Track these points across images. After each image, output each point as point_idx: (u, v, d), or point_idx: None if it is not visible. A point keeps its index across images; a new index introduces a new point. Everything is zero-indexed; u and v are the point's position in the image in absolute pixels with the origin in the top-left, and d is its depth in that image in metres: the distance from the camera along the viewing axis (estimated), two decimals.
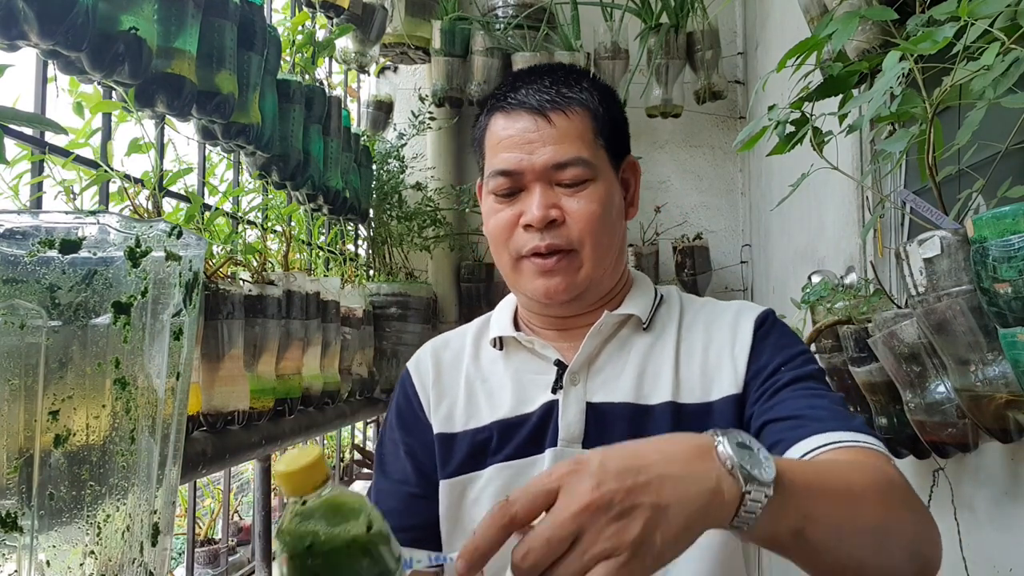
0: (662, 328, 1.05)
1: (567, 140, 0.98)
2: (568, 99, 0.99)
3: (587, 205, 0.98)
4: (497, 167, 0.99)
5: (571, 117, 0.99)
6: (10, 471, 0.61)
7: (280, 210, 2.07)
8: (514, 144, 0.98)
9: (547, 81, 1.01)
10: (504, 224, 1.00)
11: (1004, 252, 0.92)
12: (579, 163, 0.97)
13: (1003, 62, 0.98)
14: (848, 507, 0.70)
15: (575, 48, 3.35)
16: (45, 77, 1.43)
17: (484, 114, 1.05)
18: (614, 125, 1.03)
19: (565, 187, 0.98)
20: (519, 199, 0.99)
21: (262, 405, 1.76)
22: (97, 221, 0.64)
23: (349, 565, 0.53)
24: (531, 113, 0.99)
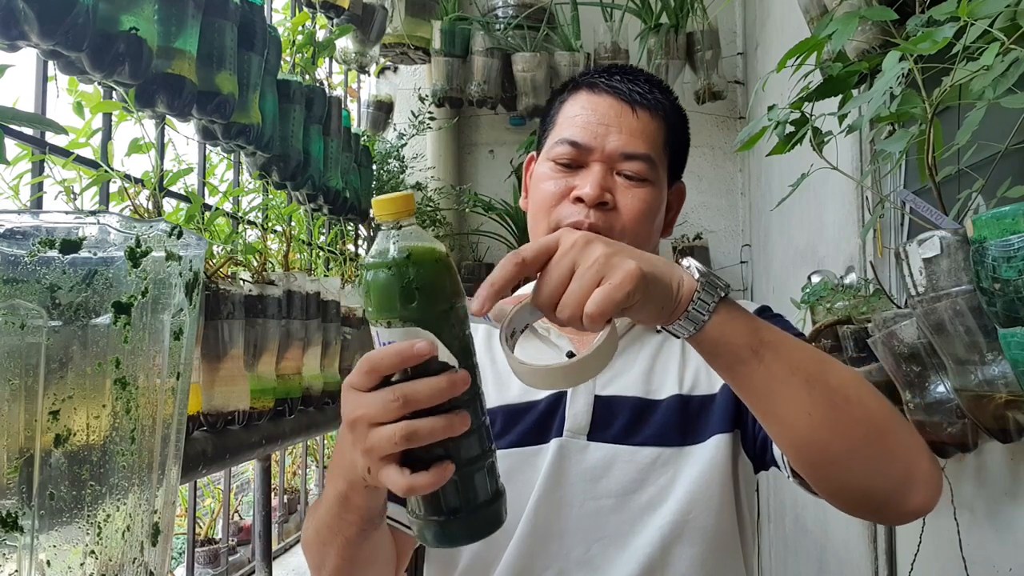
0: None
1: (643, 136, 1.00)
2: (657, 102, 1.03)
3: (640, 202, 1.00)
4: (567, 136, 1.01)
5: (653, 117, 1.02)
6: (10, 471, 0.61)
7: (280, 210, 2.07)
8: (591, 122, 1.00)
9: (642, 79, 1.05)
10: (553, 193, 1.01)
11: (1004, 252, 0.92)
12: (646, 160, 1.00)
13: (1003, 62, 0.98)
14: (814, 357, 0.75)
15: (575, 48, 3.35)
16: (45, 77, 1.43)
17: (568, 90, 1.07)
18: (681, 145, 1.08)
19: (624, 178, 1.00)
20: (576, 174, 1.00)
21: (262, 405, 1.76)
22: (97, 221, 0.64)
23: (437, 277, 0.64)
24: (618, 99, 1.01)
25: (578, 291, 0.66)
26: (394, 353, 0.63)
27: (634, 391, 1.01)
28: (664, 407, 1.00)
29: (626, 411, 1.00)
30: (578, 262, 0.67)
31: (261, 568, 2.19)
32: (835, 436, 0.73)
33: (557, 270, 0.67)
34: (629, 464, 0.98)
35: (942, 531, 1.52)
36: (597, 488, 0.98)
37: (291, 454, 3.86)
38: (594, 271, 0.66)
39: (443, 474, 0.64)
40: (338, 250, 2.81)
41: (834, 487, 0.77)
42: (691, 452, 0.98)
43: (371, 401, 0.64)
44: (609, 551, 0.95)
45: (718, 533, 0.96)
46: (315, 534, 0.85)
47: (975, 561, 1.41)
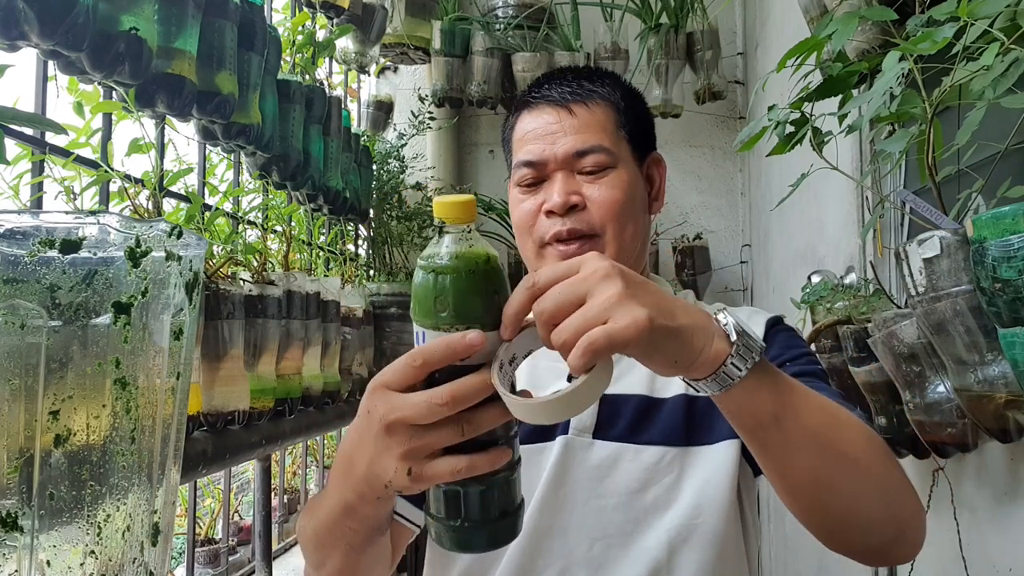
0: None
1: (588, 130, 1.01)
2: (589, 92, 1.03)
3: (608, 191, 1.00)
4: (521, 158, 1.03)
5: (592, 108, 1.02)
6: (10, 471, 0.61)
7: (280, 210, 2.07)
8: (537, 136, 1.02)
9: (569, 77, 1.05)
10: (527, 213, 1.03)
11: (1004, 252, 0.92)
12: (599, 150, 1.00)
13: (1003, 62, 0.98)
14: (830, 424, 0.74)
15: (575, 48, 3.35)
16: (45, 77, 1.43)
17: (512, 114, 1.09)
18: (638, 120, 1.06)
19: (587, 175, 1.01)
20: (542, 189, 1.02)
21: (262, 405, 1.76)
22: (97, 221, 0.64)
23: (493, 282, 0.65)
24: (553, 106, 1.02)
25: (580, 323, 0.62)
26: (445, 346, 0.63)
27: (639, 389, 1.01)
28: (670, 406, 1.00)
29: (631, 409, 1.00)
30: (591, 293, 0.63)
31: (261, 568, 2.19)
32: (838, 498, 0.74)
33: (567, 292, 0.64)
34: (634, 463, 0.98)
35: (942, 531, 1.52)
36: (602, 486, 0.98)
37: (291, 454, 3.86)
38: (602, 308, 0.62)
39: (502, 456, 0.65)
40: (338, 250, 2.81)
41: (826, 536, 0.78)
42: (698, 453, 0.98)
43: (415, 402, 0.63)
44: (612, 550, 0.95)
45: (725, 538, 0.96)
46: (314, 535, 0.84)
47: (975, 561, 1.41)
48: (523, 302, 0.65)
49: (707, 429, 0.99)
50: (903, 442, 1.48)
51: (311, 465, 3.94)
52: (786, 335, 1.05)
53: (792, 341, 1.04)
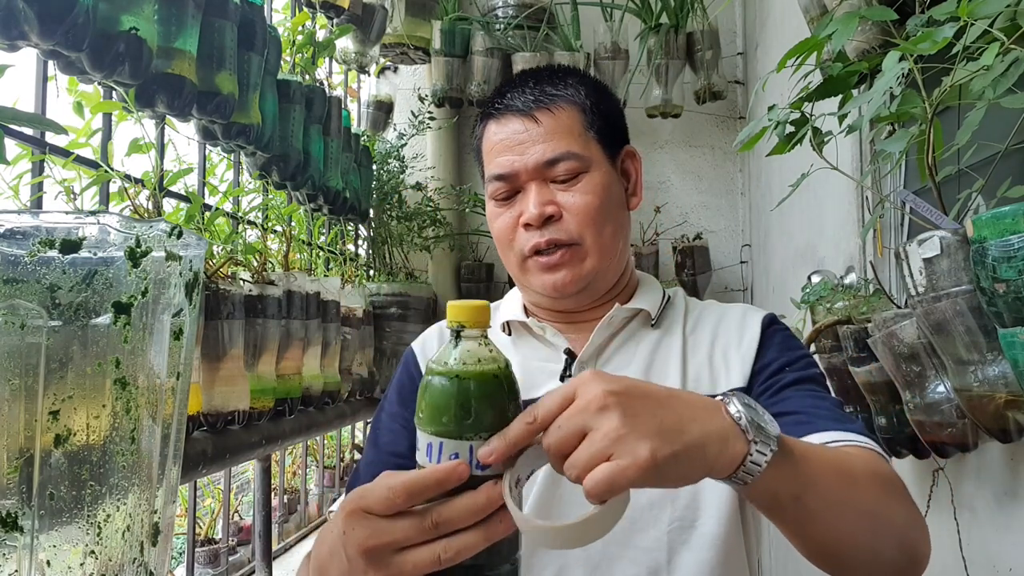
0: (670, 325, 1.07)
1: (556, 136, 0.99)
2: (552, 96, 1.01)
3: (583, 197, 0.99)
4: (493, 172, 1.02)
5: (557, 114, 1.00)
6: (10, 471, 0.61)
7: (280, 210, 2.07)
8: (505, 147, 1.00)
9: (531, 83, 1.03)
10: (506, 226, 1.02)
11: (1004, 252, 0.92)
12: (570, 157, 0.99)
13: (1003, 62, 0.98)
14: (846, 485, 0.73)
15: (575, 48, 3.35)
16: (45, 77, 1.43)
17: (478, 124, 1.08)
18: (606, 117, 1.04)
19: (560, 183, 1.00)
20: (517, 200, 1.01)
21: (262, 405, 1.76)
22: (97, 221, 0.64)
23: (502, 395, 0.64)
24: (518, 115, 1.01)
25: (586, 459, 0.60)
26: (435, 482, 0.61)
27: None
28: None
29: None
30: (590, 426, 0.61)
31: (261, 568, 2.19)
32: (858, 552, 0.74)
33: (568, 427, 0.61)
34: None
35: (942, 531, 1.52)
36: None
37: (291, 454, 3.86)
38: (603, 445, 0.60)
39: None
40: (338, 250, 2.81)
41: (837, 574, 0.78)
42: None
43: (400, 527, 0.61)
44: (610, 548, 0.95)
45: (726, 540, 0.95)
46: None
47: (975, 561, 1.41)
48: (523, 436, 0.63)
49: None
50: (903, 442, 1.48)
51: (311, 465, 3.94)
52: (783, 336, 1.04)
53: (789, 342, 1.04)
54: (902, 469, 1.80)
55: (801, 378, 0.97)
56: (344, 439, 4.18)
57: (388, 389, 1.14)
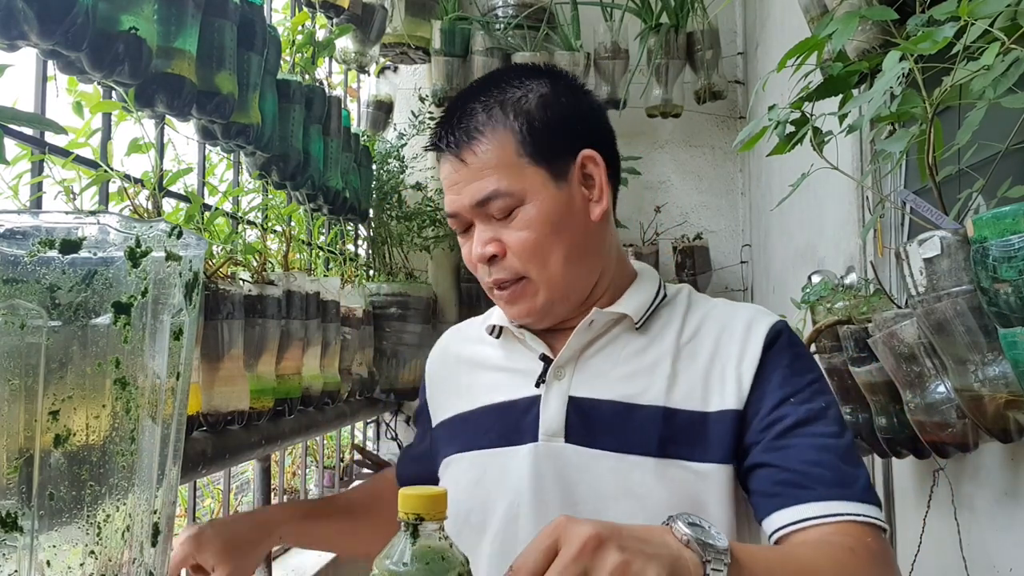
0: (660, 329, 1.03)
1: (484, 175, 0.97)
2: (477, 132, 0.98)
3: (518, 234, 0.97)
4: (445, 209, 1.03)
5: (480, 152, 0.97)
6: (10, 471, 0.61)
7: (280, 210, 2.07)
8: (447, 187, 1.01)
9: (457, 117, 1.00)
10: (469, 259, 1.04)
11: (1004, 252, 0.91)
12: (498, 196, 0.96)
13: (1003, 62, 0.98)
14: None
15: (575, 48, 3.35)
16: (45, 77, 1.43)
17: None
18: (547, 131, 0.98)
19: (499, 219, 0.98)
20: (471, 234, 1.02)
21: (262, 405, 1.76)
22: (97, 221, 0.64)
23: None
24: (448, 156, 1.00)
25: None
26: None
27: (612, 395, 0.98)
28: (646, 416, 0.96)
29: (604, 416, 0.97)
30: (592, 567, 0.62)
31: (261, 568, 2.19)
32: None
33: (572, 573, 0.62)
34: (608, 470, 0.95)
35: (942, 531, 1.52)
36: (576, 492, 0.95)
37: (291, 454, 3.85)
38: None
39: None
40: (338, 250, 2.81)
41: None
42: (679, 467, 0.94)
43: None
44: None
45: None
46: None
47: (975, 561, 1.41)
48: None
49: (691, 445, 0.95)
50: (903, 442, 1.48)
51: (311, 465, 3.93)
52: (790, 355, 0.98)
53: (795, 364, 0.97)
54: (902, 469, 1.80)
55: (805, 418, 0.92)
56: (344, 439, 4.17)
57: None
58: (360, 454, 3.64)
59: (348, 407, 2.50)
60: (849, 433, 0.95)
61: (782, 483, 0.89)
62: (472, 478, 1.03)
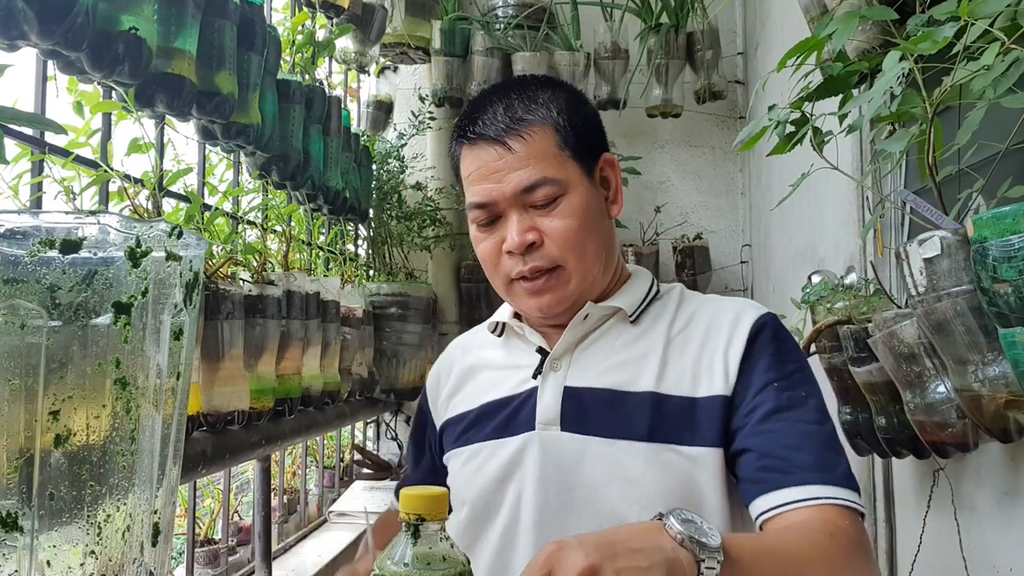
0: (652, 322, 1.06)
1: (531, 163, 0.98)
2: (523, 122, 1.00)
3: (563, 222, 0.99)
4: (472, 200, 1.02)
5: (529, 140, 0.99)
6: (10, 471, 0.61)
7: (280, 210, 2.07)
8: (482, 176, 1.00)
9: (501, 108, 1.01)
10: (490, 252, 1.03)
11: (1004, 252, 0.92)
12: (546, 182, 0.98)
13: (1003, 62, 0.98)
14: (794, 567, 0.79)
15: (575, 48, 3.35)
16: (45, 77, 1.43)
17: (453, 145, 1.07)
18: (582, 130, 1.02)
19: (539, 208, 0.99)
20: (499, 226, 1.01)
21: (262, 405, 1.76)
22: (97, 221, 0.64)
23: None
24: (491, 143, 1.00)
25: None
26: None
27: (605, 383, 1.00)
28: (638, 402, 0.98)
29: (597, 403, 1.00)
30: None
31: (261, 568, 2.19)
32: None
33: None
34: (601, 456, 0.97)
35: (942, 531, 1.52)
36: (571, 479, 0.98)
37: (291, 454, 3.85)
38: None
39: None
40: (338, 250, 2.81)
41: None
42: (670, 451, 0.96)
43: None
44: None
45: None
46: None
47: (975, 561, 1.41)
48: None
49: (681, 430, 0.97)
50: (903, 442, 1.48)
51: (311, 465, 3.93)
52: (775, 343, 1.00)
53: (781, 353, 1.00)
54: (902, 469, 1.80)
55: (788, 404, 0.94)
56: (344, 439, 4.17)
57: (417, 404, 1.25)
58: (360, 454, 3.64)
59: (348, 407, 2.50)
60: (831, 423, 0.98)
61: (764, 468, 0.91)
62: (474, 467, 1.06)
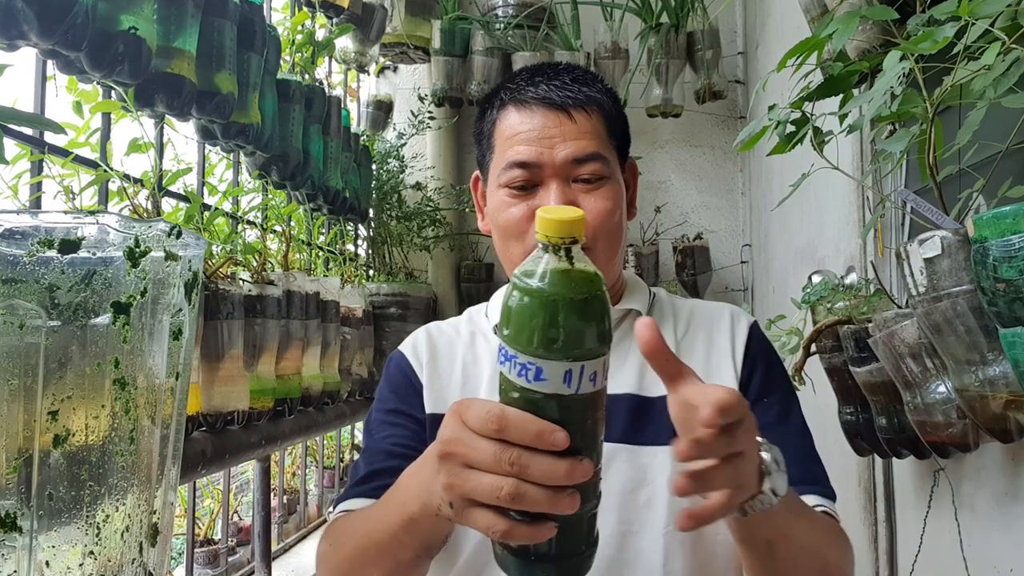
0: (660, 325, 1.05)
1: (587, 137, 0.97)
2: (589, 98, 0.99)
3: (603, 203, 0.97)
4: (513, 159, 0.97)
5: (591, 116, 0.98)
6: (9, 471, 0.60)
7: (280, 210, 2.07)
8: (533, 138, 0.97)
9: (568, 79, 1.00)
10: (517, 219, 0.98)
11: (1004, 252, 0.91)
12: (598, 158, 0.97)
13: (1003, 62, 0.98)
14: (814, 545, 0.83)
15: (575, 48, 3.35)
16: (44, 76, 1.43)
17: (495, 107, 1.02)
18: (623, 129, 1.04)
19: (582, 183, 0.98)
20: (534, 194, 0.98)
21: (262, 405, 1.76)
22: (96, 221, 0.64)
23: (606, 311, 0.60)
24: (551, 109, 0.98)
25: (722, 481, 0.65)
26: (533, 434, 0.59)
27: (627, 388, 1.00)
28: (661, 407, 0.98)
29: (623, 409, 0.99)
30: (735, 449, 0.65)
31: (260, 568, 2.19)
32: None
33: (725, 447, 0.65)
34: (628, 463, 0.96)
35: (943, 531, 1.52)
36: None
37: (290, 454, 3.85)
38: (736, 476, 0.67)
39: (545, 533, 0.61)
40: (338, 250, 2.81)
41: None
42: None
43: (481, 448, 0.61)
44: (607, 551, 0.94)
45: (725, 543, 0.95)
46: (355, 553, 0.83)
47: (976, 561, 1.41)
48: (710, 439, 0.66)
49: None
50: (903, 442, 1.48)
51: (310, 465, 3.93)
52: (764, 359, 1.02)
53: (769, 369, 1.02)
54: (902, 469, 1.80)
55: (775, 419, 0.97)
56: (344, 439, 4.17)
57: (379, 392, 1.11)
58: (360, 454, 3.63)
59: (348, 407, 2.50)
60: (808, 431, 1.01)
61: None
62: None
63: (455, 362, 1.09)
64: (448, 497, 0.64)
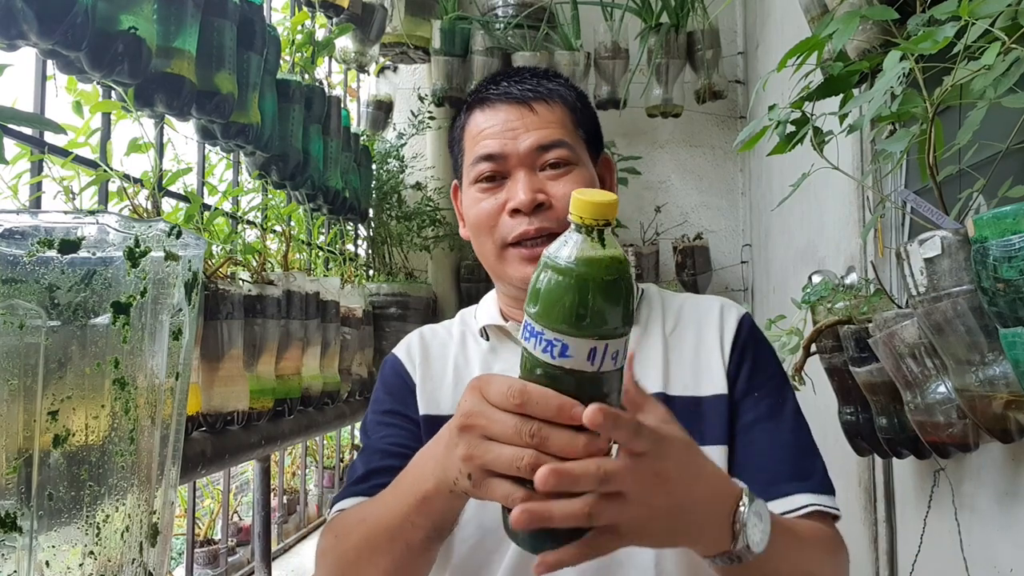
0: (647, 321, 1.05)
1: (551, 126, 0.99)
2: (549, 91, 1.02)
3: (572, 188, 0.97)
4: (479, 153, 0.99)
5: (552, 107, 1.01)
6: (9, 471, 0.60)
7: (280, 210, 2.07)
8: (497, 133, 0.99)
9: (527, 74, 1.04)
10: (488, 212, 1.00)
11: (1005, 252, 0.91)
12: (563, 145, 0.99)
13: (1004, 62, 0.98)
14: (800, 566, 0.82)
15: (575, 48, 3.35)
16: (44, 76, 1.43)
17: (463, 113, 1.06)
18: (590, 123, 1.05)
19: (550, 170, 0.99)
20: (503, 187, 0.99)
21: (261, 405, 1.76)
22: (96, 221, 0.64)
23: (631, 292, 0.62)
24: (513, 104, 1.00)
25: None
26: (555, 408, 0.60)
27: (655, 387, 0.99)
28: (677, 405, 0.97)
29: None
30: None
31: (260, 569, 2.19)
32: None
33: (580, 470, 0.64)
34: None
35: (943, 531, 1.52)
36: None
37: (290, 454, 3.85)
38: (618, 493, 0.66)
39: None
40: (338, 250, 2.81)
41: None
42: None
43: (502, 420, 0.62)
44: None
45: None
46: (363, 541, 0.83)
47: (976, 561, 1.41)
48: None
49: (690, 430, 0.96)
50: (903, 442, 1.48)
51: (310, 465, 3.93)
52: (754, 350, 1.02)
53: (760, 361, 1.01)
54: (902, 469, 1.80)
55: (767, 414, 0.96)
56: (344, 439, 4.17)
57: (375, 394, 1.12)
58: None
59: (348, 407, 2.49)
60: (806, 425, 0.99)
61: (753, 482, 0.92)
62: None
63: (447, 363, 1.09)
64: (467, 469, 0.64)
